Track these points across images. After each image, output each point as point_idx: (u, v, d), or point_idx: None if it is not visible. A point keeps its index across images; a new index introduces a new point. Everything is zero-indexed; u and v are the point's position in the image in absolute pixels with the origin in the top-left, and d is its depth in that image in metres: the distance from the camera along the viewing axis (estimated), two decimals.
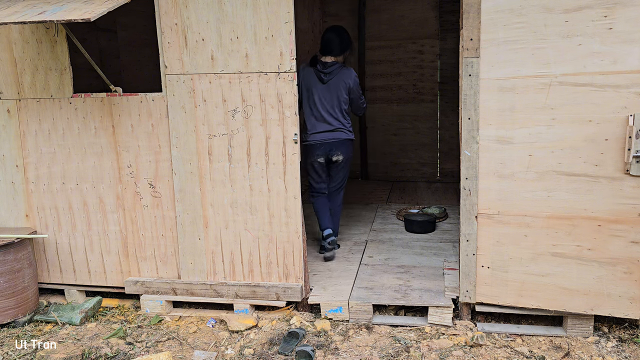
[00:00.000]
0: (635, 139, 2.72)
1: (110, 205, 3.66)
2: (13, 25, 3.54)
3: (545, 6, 2.79)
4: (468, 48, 2.98)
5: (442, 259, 4.03)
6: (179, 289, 3.61)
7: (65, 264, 3.83)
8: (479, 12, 2.92)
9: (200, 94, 3.36)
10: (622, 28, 2.71)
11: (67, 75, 3.54)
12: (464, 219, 3.14)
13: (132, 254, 3.70)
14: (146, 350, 3.16)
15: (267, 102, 3.29)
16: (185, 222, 3.54)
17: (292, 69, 3.22)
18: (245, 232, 3.48)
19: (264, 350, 3.09)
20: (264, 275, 3.52)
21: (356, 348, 3.07)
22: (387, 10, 6.47)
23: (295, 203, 3.38)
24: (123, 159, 3.57)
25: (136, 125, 3.51)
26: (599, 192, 2.88)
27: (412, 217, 4.89)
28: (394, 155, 6.69)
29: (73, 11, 3.00)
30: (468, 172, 3.08)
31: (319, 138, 4.04)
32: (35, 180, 3.73)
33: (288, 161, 3.33)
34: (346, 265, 4.00)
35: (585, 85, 2.79)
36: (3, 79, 3.64)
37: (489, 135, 3.01)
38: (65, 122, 3.60)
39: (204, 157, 3.43)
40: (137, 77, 5.35)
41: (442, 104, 6.53)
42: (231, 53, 3.28)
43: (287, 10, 3.16)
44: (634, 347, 2.99)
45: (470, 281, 3.19)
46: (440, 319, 3.26)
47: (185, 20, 3.29)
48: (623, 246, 2.90)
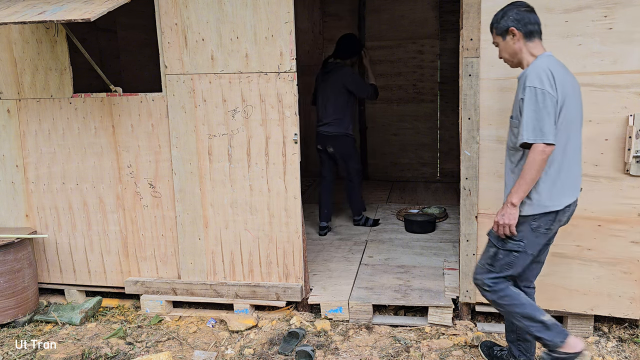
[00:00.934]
0: (635, 139, 2.72)
1: (110, 205, 3.66)
2: (13, 25, 3.54)
3: (545, 6, 2.79)
4: (468, 48, 2.98)
5: (442, 259, 4.03)
6: (179, 289, 3.61)
7: (65, 264, 3.83)
8: (479, 12, 2.92)
9: (200, 94, 3.36)
10: (622, 28, 2.71)
11: (67, 75, 3.54)
12: (464, 219, 3.14)
13: (132, 254, 3.70)
14: (146, 350, 3.16)
15: (267, 102, 3.29)
16: (185, 222, 3.54)
17: (292, 69, 3.22)
18: (245, 232, 3.48)
19: (264, 350, 3.09)
20: (264, 275, 3.52)
21: (356, 348, 3.07)
22: (387, 10, 6.47)
23: (295, 203, 3.38)
24: (123, 159, 3.57)
25: (136, 125, 3.51)
26: (599, 192, 2.88)
27: (412, 217, 4.88)
28: (393, 155, 6.68)
29: (73, 11, 3.00)
30: (468, 172, 3.08)
31: (318, 130, 4.64)
32: (35, 180, 3.73)
33: (288, 161, 3.33)
34: (346, 265, 4.00)
35: (585, 85, 2.78)
36: (3, 79, 3.64)
37: (489, 135, 3.01)
38: (65, 122, 3.60)
39: (204, 157, 3.43)
40: (137, 77, 5.35)
41: (442, 104, 6.52)
42: (231, 53, 3.28)
43: (287, 10, 3.16)
44: (634, 347, 2.99)
45: (470, 281, 3.19)
46: (440, 319, 3.26)
47: (185, 20, 3.29)
48: (623, 246, 2.90)
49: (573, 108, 2.32)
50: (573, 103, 2.32)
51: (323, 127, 4.57)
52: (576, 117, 2.36)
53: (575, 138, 2.36)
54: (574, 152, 2.37)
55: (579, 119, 2.39)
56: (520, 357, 2.67)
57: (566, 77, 2.31)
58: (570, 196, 2.39)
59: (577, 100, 2.37)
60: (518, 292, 2.46)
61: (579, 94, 2.39)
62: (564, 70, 2.32)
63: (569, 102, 2.28)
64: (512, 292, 2.46)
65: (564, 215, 2.41)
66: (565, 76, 2.31)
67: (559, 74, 2.26)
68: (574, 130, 2.35)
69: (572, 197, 2.40)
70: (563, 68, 2.34)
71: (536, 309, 2.44)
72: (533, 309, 2.43)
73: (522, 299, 2.44)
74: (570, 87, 2.31)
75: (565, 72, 2.33)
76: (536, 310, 2.43)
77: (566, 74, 2.33)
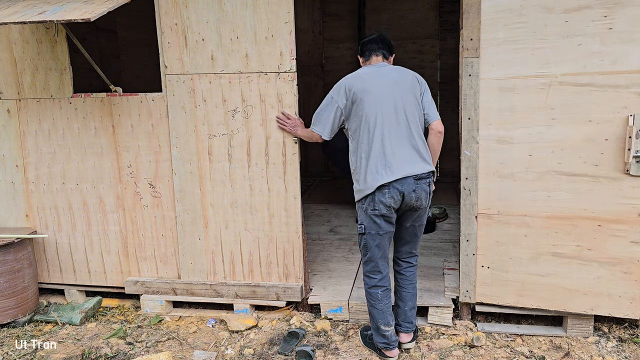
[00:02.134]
0: (635, 139, 2.72)
1: (110, 205, 3.66)
2: (13, 25, 3.54)
3: (545, 6, 2.79)
4: (468, 48, 2.98)
5: (442, 259, 4.03)
6: (179, 289, 3.61)
7: (65, 264, 3.83)
8: (479, 12, 2.92)
9: (200, 94, 3.36)
10: (622, 28, 2.71)
11: (67, 75, 3.54)
12: (464, 219, 3.14)
13: (132, 254, 3.70)
14: (146, 350, 3.16)
15: (267, 102, 3.29)
16: (185, 222, 3.54)
17: (292, 69, 3.22)
18: (245, 232, 3.48)
19: (264, 350, 3.09)
20: (264, 275, 3.52)
21: (356, 348, 3.07)
22: (387, 10, 6.47)
23: (295, 203, 3.38)
24: (123, 159, 3.57)
25: (136, 125, 3.51)
26: (598, 192, 2.88)
27: None
28: None
29: (73, 11, 3.00)
30: (468, 172, 3.08)
31: None
32: (35, 180, 3.73)
33: (288, 161, 3.33)
34: (346, 265, 4.00)
35: (585, 85, 2.79)
36: (3, 79, 3.64)
37: (489, 135, 3.01)
38: (65, 122, 3.61)
39: (204, 157, 3.43)
40: (137, 77, 5.35)
41: (442, 104, 6.52)
42: (231, 53, 3.28)
43: (287, 10, 3.16)
44: (634, 347, 2.99)
45: (470, 281, 3.19)
46: (440, 319, 3.26)
47: (185, 20, 3.29)
48: (623, 246, 2.90)
49: (374, 104, 2.79)
50: (374, 100, 2.79)
51: None
52: (384, 112, 2.79)
53: (388, 129, 2.77)
54: (386, 141, 2.76)
55: (391, 113, 2.79)
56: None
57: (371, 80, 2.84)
58: (382, 179, 2.72)
59: (387, 96, 2.80)
60: (379, 296, 2.91)
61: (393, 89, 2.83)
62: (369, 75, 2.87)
63: (367, 99, 2.79)
64: (374, 292, 2.93)
65: (384, 196, 2.74)
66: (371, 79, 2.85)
67: (356, 80, 2.86)
68: (386, 123, 2.78)
69: (384, 180, 2.72)
70: (372, 73, 2.88)
71: (383, 317, 2.90)
72: (381, 315, 2.90)
73: (378, 305, 2.91)
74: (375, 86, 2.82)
75: (373, 76, 2.86)
76: (382, 318, 2.90)
77: (374, 76, 2.86)
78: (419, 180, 2.76)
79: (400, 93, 2.82)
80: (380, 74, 2.87)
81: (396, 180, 2.72)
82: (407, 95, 2.83)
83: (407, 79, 2.87)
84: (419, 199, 2.78)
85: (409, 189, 2.73)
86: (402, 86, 2.84)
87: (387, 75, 2.86)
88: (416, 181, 2.75)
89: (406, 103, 2.81)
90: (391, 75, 2.86)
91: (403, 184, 2.73)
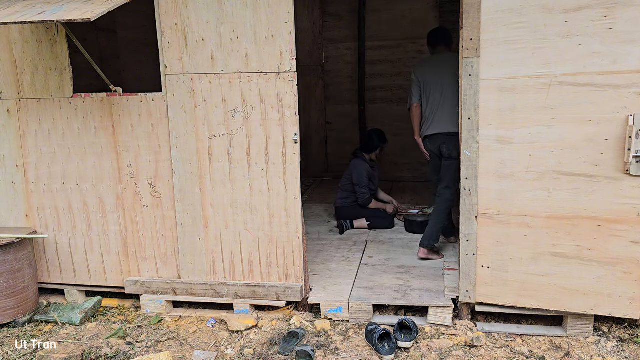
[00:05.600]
0: (635, 139, 2.72)
1: (110, 205, 3.66)
2: (13, 25, 3.54)
3: (545, 6, 2.79)
4: (468, 48, 2.98)
5: (442, 259, 4.03)
6: (179, 289, 3.61)
7: (65, 264, 3.83)
8: (479, 12, 2.92)
9: (200, 94, 3.36)
10: (622, 28, 2.71)
11: (67, 75, 3.54)
12: (464, 219, 3.14)
13: (132, 254, 3.70)
14: (146, 350, 3.16)
15: (267, 102, 3.29)
16: (185, 222, 3.54)
17: (292, 68, 3.22)
18: (245, 232, 3.48)
19: (264, 350, 3.09)
20: (264, 276, 3.52)
21: (356, 348, 3.07)
22: (387, 10, 6.47)
23: (295, 203, 3.38)
24: (123, 159, 3.57)
25: (136, 125, 3.51)
26: (599, 192, 2.88)
27: (412, 217, 4.88)
28: (394, 155, 6.68)
29: (73, 11, 3.00)
30: (468, 172, 3.08)
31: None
32: (35, 180, 3.73)
33: (288, 161, 3.34)
34: (346, 265, 4.00)
35: (585, 85, 2.79)
36: (3, 79, 3.64)
37: (489, 135, 3.01)
38: (65, 122, 3.61)
39: (204, 157, 3.43)
40: (137, 77, 5.35)
41: None
42: (231, 53, 3.28)
43: (287, 10, 3.16)
44: (634, 347, 2.99)
45: (470, 281, 3.19)
46: (440, 319, 3.26)
47: (185, 20, 3.29)
48: (623, 246, 2.90)
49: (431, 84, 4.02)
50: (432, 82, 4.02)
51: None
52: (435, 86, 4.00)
53: (433, 98, 3.99)
54: (435, 106, 3.97)
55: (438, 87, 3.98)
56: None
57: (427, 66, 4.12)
58: (430, 131, 4.00)
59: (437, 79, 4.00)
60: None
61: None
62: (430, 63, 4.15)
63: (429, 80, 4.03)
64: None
65: (429, 140, 4.05)
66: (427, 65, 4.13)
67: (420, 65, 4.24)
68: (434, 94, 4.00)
69: (431, 131, 3.99)
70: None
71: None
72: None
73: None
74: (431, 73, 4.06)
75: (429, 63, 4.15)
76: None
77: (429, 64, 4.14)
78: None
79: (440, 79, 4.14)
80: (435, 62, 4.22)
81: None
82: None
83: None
84: (440, 147, 4.00)
85: (441, 141, 3.99)
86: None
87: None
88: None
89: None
90: None
91: (435, 138, 4.07)
